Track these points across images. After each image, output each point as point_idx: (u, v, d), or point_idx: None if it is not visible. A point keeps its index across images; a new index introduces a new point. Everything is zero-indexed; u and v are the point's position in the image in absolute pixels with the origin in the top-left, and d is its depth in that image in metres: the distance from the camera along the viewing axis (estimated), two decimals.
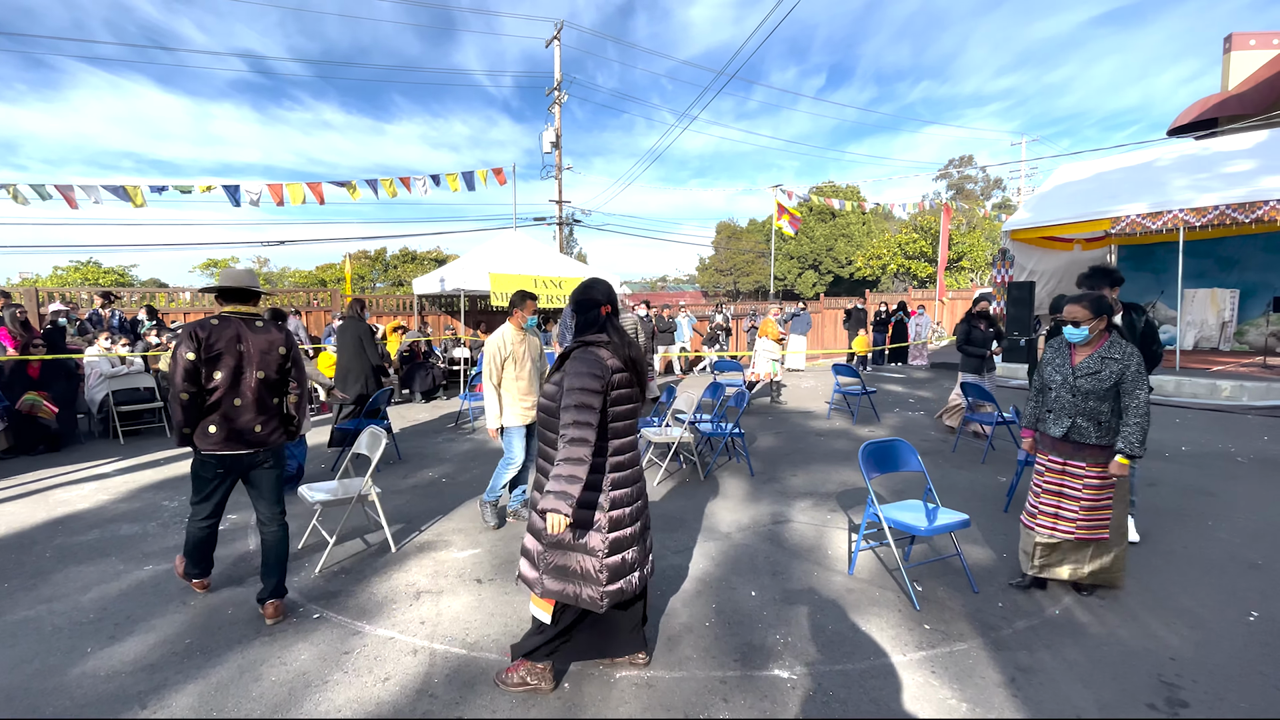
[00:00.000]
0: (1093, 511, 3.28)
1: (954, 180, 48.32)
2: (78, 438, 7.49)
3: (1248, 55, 17.57)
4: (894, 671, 2.75)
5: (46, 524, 4.70)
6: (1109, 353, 3.21)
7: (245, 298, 3.35)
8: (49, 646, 3.02)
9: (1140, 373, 3.15)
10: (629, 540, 2.54)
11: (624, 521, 2.52)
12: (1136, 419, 3.12)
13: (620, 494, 2.52)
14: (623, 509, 2.52)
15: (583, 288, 2.64)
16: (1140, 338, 3.99)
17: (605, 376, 2.41)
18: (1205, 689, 2.61)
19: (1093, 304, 3.22)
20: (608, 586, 2.45)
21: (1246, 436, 7.15)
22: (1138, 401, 3.12)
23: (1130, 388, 3.15)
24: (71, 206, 8.96)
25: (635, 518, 2.58)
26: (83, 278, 26.62)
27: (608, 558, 2.46)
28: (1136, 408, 3.12)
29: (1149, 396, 3.13)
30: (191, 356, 3.06)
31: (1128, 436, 3.12)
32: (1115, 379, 3.16)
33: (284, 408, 3.40)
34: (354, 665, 2.84)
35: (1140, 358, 3.20)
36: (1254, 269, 13.49)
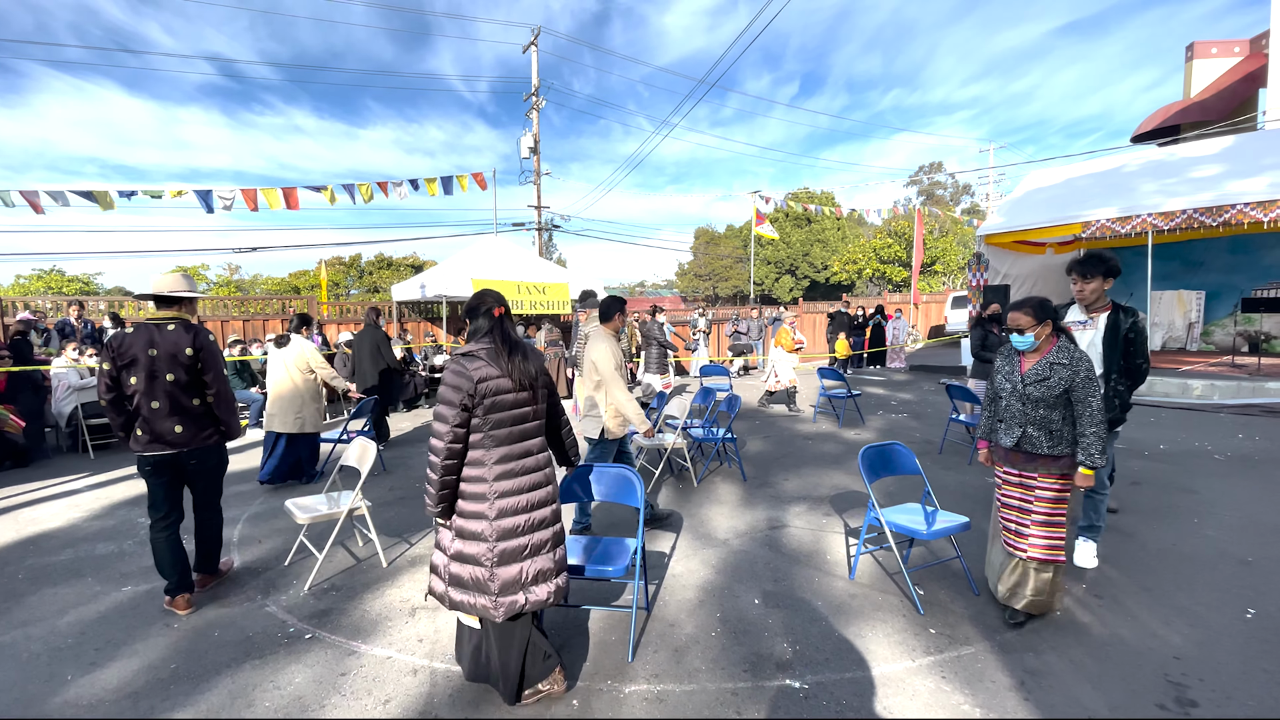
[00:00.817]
0: (1049, 528, 3.12)
1: (924, 186, 49.20)
2: (45, 452, 7.20)
3: (1209, 63, 18.17)
4: (905, 678, 2.73)
5: (17, 544, 4.49)
6: (1057, 358, 3.06)
7: (170, 303, 3.52)
8: (27, 674, 2.86)
9: (1091, 379, 3.01)
10: (526, 551, 2.50)
11: (517, 531, 2.49)
12: (1092, 428, 3.00)
13: (508, 503, 2.48)
14: (514, 518, 2.49)
15: (474, 297, 2.70)
16: (1123, 344, 3.64)
17: (465, 388, 2.42)
18: (1212, 687, 2.63)
19: (1035, 309, 3.11)
20: (500, 597, 2.43)
21: (1221, 434, 7.32)
22: (1090, 410, 2.99)
23: (1081, 395, 3.01)
24: (37, 212, 8.64)
25: (535, 528, 2.54)
26: (46, 286, 25.77)
27: (498, 567, 2.44)
28: (1089, 416, 3.00)
29: (1101, 404, 3.00)
30: (107, 365, 3.33)
31: (1085, 447, 3.01)
32: (1064, 386, 3.02)
33: (209, 410, 3.53)
34: (352, 687, 2.74)
35: (1090, 364, 3.04)
36: (1219, 271, 13.92)
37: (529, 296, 11.33)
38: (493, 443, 2.49)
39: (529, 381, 2.58)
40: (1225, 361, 11.51)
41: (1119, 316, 3.66)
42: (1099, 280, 3.59)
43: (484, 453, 2.48)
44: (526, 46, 19.33)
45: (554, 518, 2.64)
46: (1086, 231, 10.97)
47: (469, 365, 2.46)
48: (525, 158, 19.64)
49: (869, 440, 7.40)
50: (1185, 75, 19.02)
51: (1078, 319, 3.66)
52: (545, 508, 2.60)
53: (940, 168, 49.29)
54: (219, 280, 33.28)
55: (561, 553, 2.65)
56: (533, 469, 2.58)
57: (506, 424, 2.52)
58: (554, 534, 2.62)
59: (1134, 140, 19.75)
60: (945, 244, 32.15)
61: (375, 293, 32.84)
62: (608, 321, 4.30)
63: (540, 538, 2.55)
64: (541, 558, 2.55)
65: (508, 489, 2.49)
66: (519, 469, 2.54)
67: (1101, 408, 3.00)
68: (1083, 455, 3.03)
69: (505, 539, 2.47)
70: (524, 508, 2.52)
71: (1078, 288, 3.68)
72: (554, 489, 2.67)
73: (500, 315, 2.64)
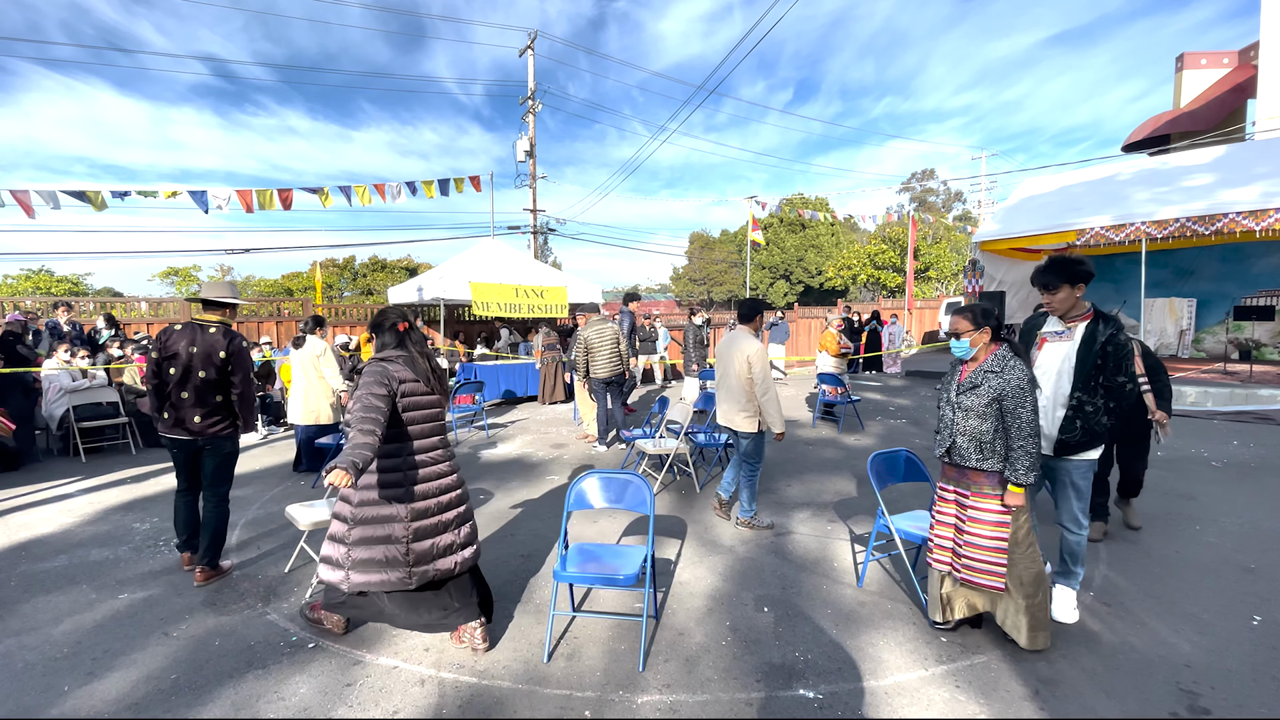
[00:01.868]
0: (983, 550, 2.93)
1: (917, 193, 49.51)
2: (36, 456, 7.08)
3: (1199, 74, 18.39)
4: (919, 687, 2.71)
5: (8, 550, 4.40)
6: (991, 366, 2.90)
7: (216, 307, 3.96)
8: (22, 685, 2.80)
9: (1022, 390, 2.81)
10: (437, 529, 2.91)
11: (430, 512, 2.90)
12: (1019, 442, 2.81)
13: (423, 488, 2.91)
14: (427, 501, 2.90)
15: (378, 314, 3.12)
16: (1098, 357, 3.13)
17: (390, 385, 2.81)
18: (1224, 695, 2.63)
19: (974, 315, 2.97)
20: (415, 568, 2.83)
21: (1216, 441, 7.37)
22: (1019, 422, 2.81)
23: (1011, 405, 2.82)
24: (28, 214, 8.52)
25: (444, 509, 2.96)
26: (35, 286, 25.46)
27: (413, 543, 2.84)
28: (1018, 429, 2.81)
29: (1033, 416, 2.81)
30: (155, 355, 3.81)
31: (1012, 462, 2.84)
32: (993, 395, 2.85)
33: (229, 405, 3.90)
34: (358, 698, 2.69)
35: (1023, 375, 2.83)
36: (1209, 279, 14.06)
37: (527, 300, 11.27)
38: (412, 435, 2.91)
39: (438, 384, 3.03)
40: (1217, 369, 11.62)
41: (1098, 327, 3.20)
42: (1066, 289, 3.22)
43: (401, 444, 2.89)
44: (523, 50, 19.32)
45: (459, 500, 3.06)
46: (1081, 239, 11.06)
47: (390, 369, 2.88)
48: (521, 161, 19.60)
49: (869, 446, 7.40)
50: (1175, 86, 19.25)
51: (1055, 329, 3.32)
52: (452, 491, 3.03)
53: (932, 174, 49.62)
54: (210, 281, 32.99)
55: (466, 530, 3.06)
56: (443, 460, 3.03)
57: (421, 420, 2.95)
58: (458, 514, 3.04)
59: (1124, 149, 19.95)
60: (939, 250, 32.34)
61: (369, 295, 32.68)
62: (749, 322, 4.66)
63: (447, 518, 2.97)
64: (449, 534, 2.96)
65: (424, 475, 2.92)
66: (431, 460, 2.97)
67: (1033, 420, 2.80)
68: (1009, 471, 2.85)
69: (420, 519, 2.87)
70: (435, 491, 2.95)
71: (1045, 300, 3.35)
72: (459, 476, 3.11)
73: (405, 329, 3.06)
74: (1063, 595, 3.32)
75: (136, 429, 7.63)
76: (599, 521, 4.84)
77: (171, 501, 5.46)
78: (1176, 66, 19.08)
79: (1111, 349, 3.11)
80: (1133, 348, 3.20)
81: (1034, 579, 2.90)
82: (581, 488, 3.35)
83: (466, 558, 3.02)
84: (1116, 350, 3.11)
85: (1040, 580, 2.92)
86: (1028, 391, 2.83)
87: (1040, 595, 2.92)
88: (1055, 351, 3.27)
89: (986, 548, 2.93)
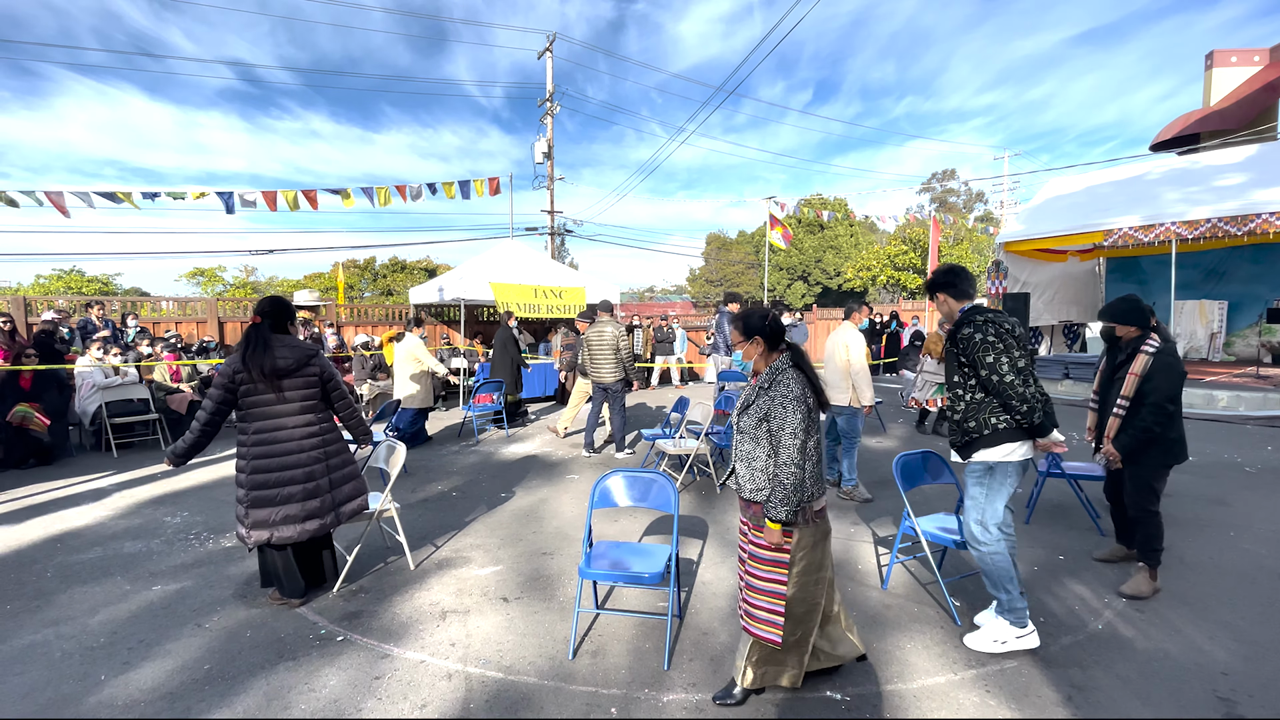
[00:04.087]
0: (754, 593, 2.54)
1: (937, 194, 48.98)
2: (69, 451, 7.25)
3: (1229, 72, 18.00)
4: (948, 691, 2.68)
5: (44, 541, 4.51)
6: (763, 382, 2.54)
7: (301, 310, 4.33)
8: (60, 674, 2.86)
9: (784, 407, 2.40)
10: (274, 500, 3.32)
11: (268, 484, 3.31)
12: (776, 469, 2.42)
13: (260, 463, 3.31)
14: (264, 474, 3.31)
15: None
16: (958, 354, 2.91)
17: (225, 376, 3.30)
18: (1262, 704, 2.57)
19: (742, 324, 2.62)
20: (251, 532, 3.31)
21: (1250, 446, 7.21)
22: (778, 445, 2.42)
23: (774, 425, 2.42)
24: (63, 214, 8.72)
25: (283, 484, 3.34)
26: (66, 286, 26.07)
27: (251, 509, 3.31)
28: (777, 453, 2.42)
29: (794, 441, 2.39)
30: None
31: (769, 494, 2.43)
32: (761, 415, 2.48)
33: None
34: (387, 692, 2.72)
35: (789, 390, 2.43)
36: (1240, 281, 13.74)
37: (545, 300, 11.33)
38: (249, 418, 3.35)
39: (267, 375, 3.29)
40: (1249, 373, 11.35)
41: (962, 332, 2.93)
42: (946, 299, 3.07)
43: (245, 424, 3.36)
44: (542, 53, 19.42)
45: (305, 478, 3.39)
46: (1109, 240, 10.88)
47: (232, 360, 3.33)
48: (539, 163, 19.70)
49: (891, 448, 7.34)
50: (1204, 84, 18.85)
51: None
52: (295, 470, 3.37)
53: (953, 175, 49.07)
54: (235, 281, 33.53)
55: (312, 505, 3.40)
56: (281, 440, 3.36)
57: (251, 405, 3.34)
58: (304, 490, 3.38)
59: (1153, 148, 19.55)
60: (960, 251, 31.97)
61: (389, 295, 33.01)
62: (849, 317, 5.61)
63: (289, 491, 3.34)
64: (291, 506, 3.33)
65: (259, 453, 3.33)
66: (267, 440, 3.34)
67: (792, 445, 2.38)
68: (765, 504, 2.44)
69: (257, 489, 3.30)
70: (276, 468, 3.33)
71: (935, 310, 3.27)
72: (307, 455, 3.41)
73: (256, 323, 3.38)
74: (983, 622, 3.03)
75: (166, 425, 7.78)
76: (619, 520, 4.85)
77: (201, 496, 5.58)
78: (1206, 64, 18.68)
79: (962, 344, 2.90)
80: (980, 340, 2.81)
81: (800, 617, 2.52)
82: (606, 485, 3.36)
83: (305, 530, 3.39)
84: (965, 345, 2.89)
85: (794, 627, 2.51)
86: (791, 410, 2.39)
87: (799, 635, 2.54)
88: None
89: (763, 591, 2.52)
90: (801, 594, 2.50)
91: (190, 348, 10.13)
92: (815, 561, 2.52)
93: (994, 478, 2.92)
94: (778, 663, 2.55)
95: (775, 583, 2.48)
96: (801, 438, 2.39)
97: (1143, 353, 3.60)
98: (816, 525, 2.52)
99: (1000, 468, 2.91)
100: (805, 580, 2.51)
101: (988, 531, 2.94)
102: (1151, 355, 3.57)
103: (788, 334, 2.70)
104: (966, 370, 2.94)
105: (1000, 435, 2.87)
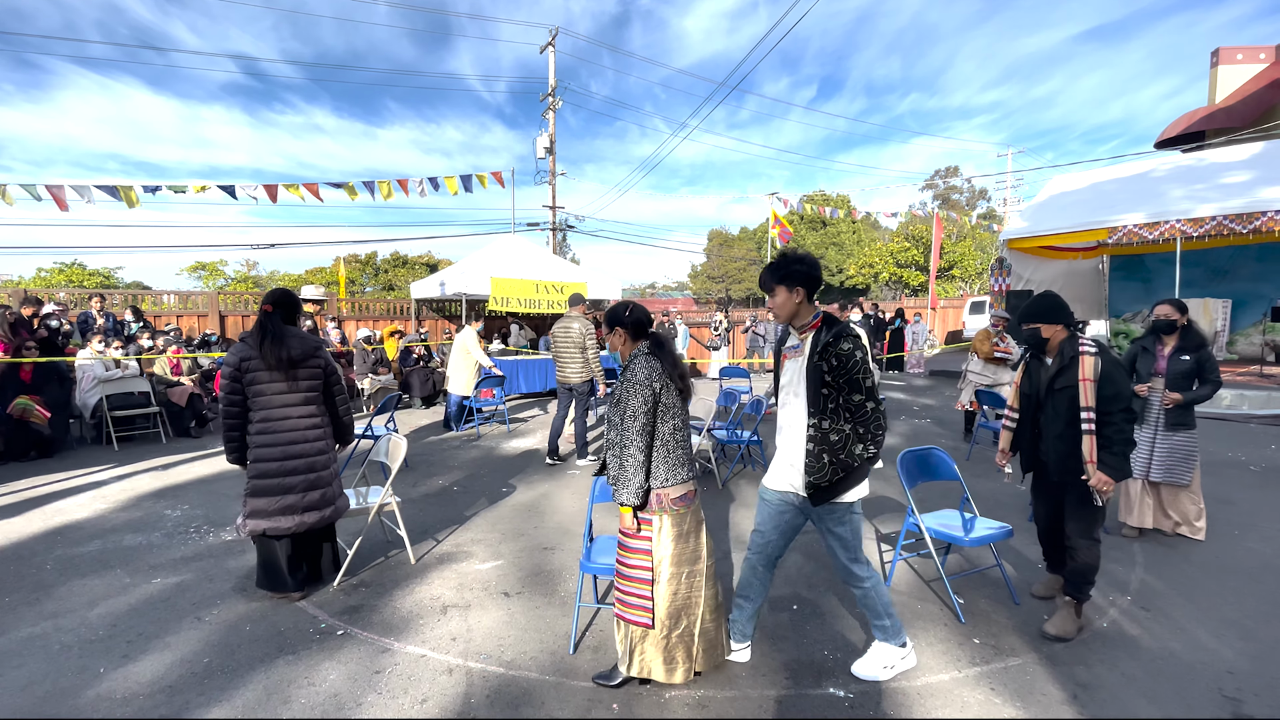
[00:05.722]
0: (620, 578, 2.58)
1: (940, 191, 48.87)
2: (70, 443, 7.24)
3: (1235, 69, 17.90)
4: (952, 689, 2.66)
5: (44, 534, 4.50)
6: (624, 371, 2.57)
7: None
8: (59, 667, 2.85)
9: (628, 394, 2.45)
10: (274, 490, 3.31)
11: (269, 473, 3.31)
12: (618, 455, 2.47)
13: (262, 451, 3.32)
14: (266, 464, 3.32)
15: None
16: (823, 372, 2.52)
17: (232, 366, 3.30)
18: (1268, 703, 2.55)
19: (607, 318, 2.69)
20: (247, 521, 3.32)
21: (1254, 445, 7.18)
22: (619, 430, 2.47)
23: (620, 412, 2.48)
24: (62, 208, 8.69)
25: (284, 473, 3.33)
26: (67, 279, 26.06)
27: (250, 498, 3.33)
28: (620, 439, 2.47)
29: (636, 424, 2.42)
30: None
31: (616, 478, 2.49)
32: (615, 400, 2.55)
33: None
34: (387, 686, 2.70)
35: (633, 375, 2.47)
36: (1244, 279, 13.67)
37: (547, 295, 11.30)
38: (252, 408, 3.33)
39: (282, 363, 3.29)
40: (1253, 371, 11.30)
41: (821, 335, 2.57)
42: (782, 291, 2.62)
43: (249, 413, 3.35)
44: (544, 47, 19.35)
45: (307, 468, 3.38)
46: (1113, 237, 10.83)
47: (237, 349, 3.32)
48: (541, 158, 19.65)
49: (894, 446, 7.31)
50: (1210, 81, 18.74)
51: (793, 343, 2.73)
52: (298, 460, 3.36)
53: (956, 172, 48.96)
54: (236, 276, 33.53)
55: (312, 497, 3.40)
56: (281, 429, 3.34)
57: (257, 394, 3.32)
58: (305, 480, 3.37)
59: (1158, 146, 19.46)
60: (963, 248, 31.89)
61: (391, 290, 32.99)
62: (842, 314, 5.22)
63: (290, 481, 3.33)
64: (291, 496, 3.33)
65: (261, 442, 3.31)
66: (270, 430, 3.33)
67: (632, 428, 2.41)
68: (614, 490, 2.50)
69: (258, 477, 3.31)
70: (277, 457, 3.32)
71: (768, 304, 2.75)
72: (311, 445, 3.41)
73: (269, 311, 3.37)
74: (872, 650, 2.81)
75: (167, 418, 7.77)
76: None
77: (201, 489, 5.58)
78: (1212, 62, 18.58)
79: (836, 362, 2.48)
80: (860, 359, 2.47)
81: (669, 614, 2.51)
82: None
83: (304, 521, 3.38)
84: (841, 363, 2.47)
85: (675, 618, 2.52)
86: (634, 394, 2.43)
87: (681, 629, 2.54)
88: (792, 370, 2.69)
89: (631, 578, 2.54)
90: (673, 586, 2.51)
91: (192, 341, 10.12)
92: (686, 554, 2.54)
93: (853, 513, 2.64)
94: (669, 660, 2.53)
95: (641, 569, 2.51)
96: (643, 420, 2.42)
97: (1086, 354, 3.06)
98: (679, 515, 2.52)
99: (857, 502, 2.64)
100: (677, 572, 2.52)
101: (864, 566, 2.70)
102: (1096, 354, 3.05)
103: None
104: (829, 392, 2.51)
105: (865, 467, 2.55)
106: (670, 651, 2.54)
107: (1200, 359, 4.12)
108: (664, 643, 2.53)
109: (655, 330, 2.71)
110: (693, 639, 2.55)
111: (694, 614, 2.55)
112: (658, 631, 2.51)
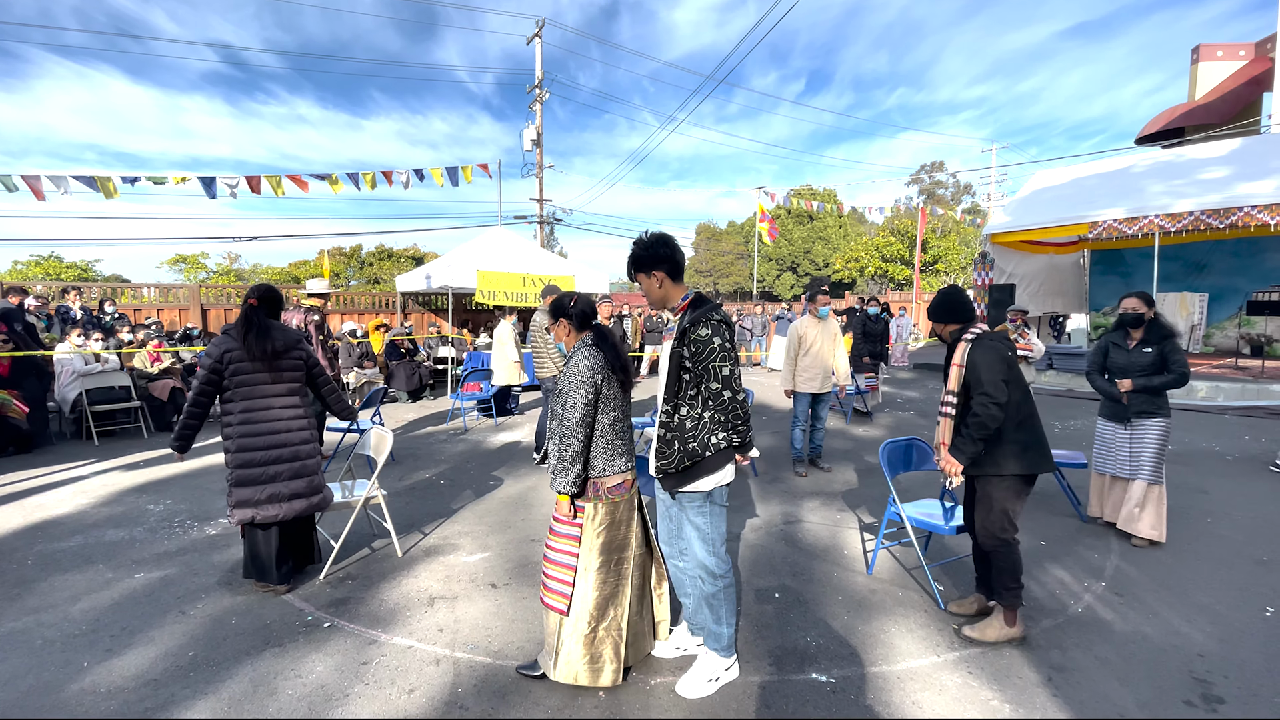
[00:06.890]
0: (547, 562, 2.61)
1: (925, 185, 49.19)
2: (49, 438, 7.14)
3: (1215, 66, 18.15)
4: (932, 673, 2.71)
5: (24, 530, 4.45)
6: (565, 367, 2.60)
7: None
8: (42, 661, 2.83)
9: (570, 385, 2.48)
10: (260, 479, 3.32)
11: (253, 463, 3.32)
12: (555, 442, 2.52)
13: (245, 441, 3.32)
14: (250, 453, 3.32)
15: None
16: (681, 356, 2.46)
17: (213, 357, 3.32)
18: (1237, 684, 2.63)
19: (551, 310, 2.76)
20: (234, 510, 3.31)
21: (1228, 436, 7.34)
22: (558, 420, 2.52)
23: (561, 403, 2.54)
24: (39, 198, 8.55)
25: (269, 462, 3.35)
26: (44, 272, 25.59)
27: (234, 487, 3.32)
28: (558, 427, 2.52)
29: (576, 415, 2.43)
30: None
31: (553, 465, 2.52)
32: (558, 391, 2.60)
33: None
34: (374, 677, 2.72)
35: (575, 367, 2.48)
36: (1221, 273, 13.93)
37: (534, 289, 11.27)
38: (231, 399, 3.35)
39: (266, 355, 3.35)
40: (1228, 364, 11.54)
41: (683, 319, 2.51)
42: (644, 279, 2.58)
43: (232, 405, 3.35)
44: (530, 38, 19.23)
45: (291, 456, 3.41)
46: (1093, 232, 10.98)
47: (219, 342, 3.36)
48: (528, 150, 19.58)
49: (877, 437, 7.40)
50: (1190, 78, 19.01)
51: (670, 325, 2.67)
52: (282, 449, 3.39)
53: (941, 167, 49.29)
54: (219, 269, 33.07)
55: (298, 485, 3.41)
56: (262, 419, 3.37)
57: (232, 386, 3.34)
58: (290, 469, 3.40)
59: (1138, 142, 19.73)
60: (948, 243, 32.16)
61: (376, 283, 32.72)
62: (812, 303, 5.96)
63: (275, 470, 3.35)
64: (277, 485, 3.34)
65: (242, 433, 3.33)
66: (250, 420, 3.35)
67: (572, 418, 2.43)
68: (551, 477, 2.52)
69: (241, 467, 3.31)
70: (261, 446, 3.34)
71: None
72: (295, 435, 3.45)
73: (254, 305, 3.40)
74: (699, 660, 2.66)
75: (148, 413, 7.68)
76: None
77: (183, 483, 5.53)
78: (1192, 59, 18.83)
79: (694, 349, 2.41)
80: (720, 346, 2.40)
81: (596, 605, 2.53)
82: None
83: (292, 508, 3.40)
84: (698, 350, 2.40)
85: (602, 609, 2.54)
86: (575, 385, 2.45)
87: (608, 621, 2.55)
88: (664, 354, 2.62)
89: (556, 563, 2.57)
90: (602, 575, 2.54)
91: (174, 335, 10.00)
92: (615, 540, 2.57)
93: (713, 503, 2.55)
94: (594, 660, 2.53)
95: (568, 554, 2.55)
96: (583, 411, 2.45)
97: (963, 340, 2.99)
98: (613, 503, 2.56)
99: (718, 491, 2.55)
100: (605, 560, 2.55)
101: (722, 561, 2.59)
102: (971, 342, 2.97)
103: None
104: (689, 378, 2.46)
105: (722, 456, 2.47)
106: (596, 648, 2.53)
107: (1164, 350, 4.14)
108: (590, 637, 2.52)
109: (600, 323, 2.75)
110: (620, 635, 2.56)
111: (621, 605, 2.58)
112: (585, 624, 2.51)
